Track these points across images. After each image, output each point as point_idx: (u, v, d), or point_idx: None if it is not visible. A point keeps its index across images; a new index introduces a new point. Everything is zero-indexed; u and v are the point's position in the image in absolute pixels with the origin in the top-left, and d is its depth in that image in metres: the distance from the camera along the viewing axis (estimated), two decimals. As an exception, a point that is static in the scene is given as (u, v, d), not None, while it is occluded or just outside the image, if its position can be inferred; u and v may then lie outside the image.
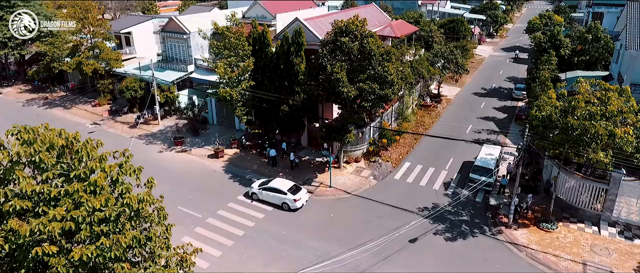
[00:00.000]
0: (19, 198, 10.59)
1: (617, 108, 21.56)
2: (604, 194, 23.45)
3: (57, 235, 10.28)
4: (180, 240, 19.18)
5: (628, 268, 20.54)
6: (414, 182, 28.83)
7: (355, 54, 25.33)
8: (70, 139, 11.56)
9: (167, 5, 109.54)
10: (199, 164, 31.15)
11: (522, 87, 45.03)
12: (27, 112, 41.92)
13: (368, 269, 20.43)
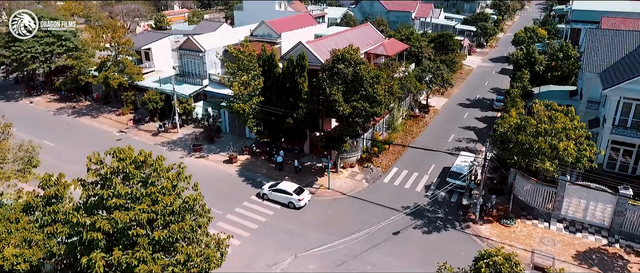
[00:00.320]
0: (116, 197, 15.65)
1: (561, 126, 26.59)
2: (554, 196, 28.50)
3: (146, 222, 15.39)
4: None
5: (567, 255, 25.59)
6: (400, 185, 33.89)
7: (350, 78, 30.37)
8: (146, 156, 16.70)
9: (176, 14, 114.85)
10: (215, 169, 36.17)
11: (502, 99, 49.99)
12: (58, 120, 46.96)
13: (359, 255, 25.47)
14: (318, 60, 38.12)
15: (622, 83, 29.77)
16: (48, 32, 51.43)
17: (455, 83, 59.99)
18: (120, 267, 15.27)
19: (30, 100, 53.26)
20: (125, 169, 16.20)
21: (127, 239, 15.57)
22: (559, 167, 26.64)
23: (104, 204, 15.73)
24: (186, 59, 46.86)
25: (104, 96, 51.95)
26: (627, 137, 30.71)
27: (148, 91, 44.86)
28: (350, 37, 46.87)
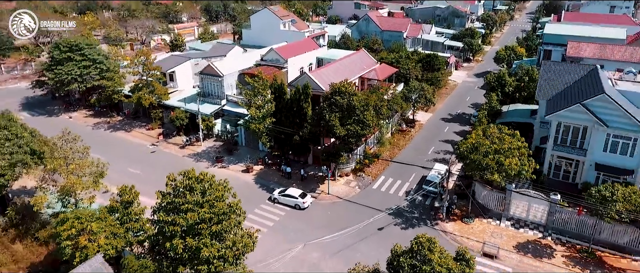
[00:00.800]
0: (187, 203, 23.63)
1: (508, 146, 34.51)
2: (503, 200, 36.47)
3: (207, 220, 23.40)
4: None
5: (510, 246, 33.54)
6: (385, 191, 41.86)
7: (345, 106, 38.33)
8: (204, 175, 24.72)
9: (186, 27, 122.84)
10: (235, 177, 44.06)
11: (477, 115, 57.90)
12: (97, 134, 54.89)
13: (351, 245, 33.39)
14: (319, 87, 46.15)
15: (560, 110, 37.77)
16: (84, 56, 59.45)
17: (440, 98, 68.18)
18: (191, 249, 23.28)
19: (69, 115, 61.28)
20: (191, 184, 24.22)
21: (195, 231, 23.59)
22: (506, 178, 34.60)
23: (178, 208, 23.73)
24: (207, 81, 54.86)
25: (134, 112, 59.91)
26: (565, 153, 38.70)
27: (175, 110, 52.83)
28: (347, 63, 54.96)
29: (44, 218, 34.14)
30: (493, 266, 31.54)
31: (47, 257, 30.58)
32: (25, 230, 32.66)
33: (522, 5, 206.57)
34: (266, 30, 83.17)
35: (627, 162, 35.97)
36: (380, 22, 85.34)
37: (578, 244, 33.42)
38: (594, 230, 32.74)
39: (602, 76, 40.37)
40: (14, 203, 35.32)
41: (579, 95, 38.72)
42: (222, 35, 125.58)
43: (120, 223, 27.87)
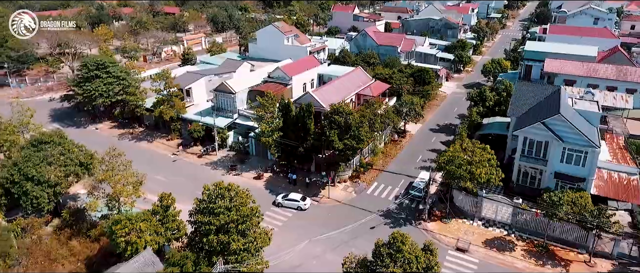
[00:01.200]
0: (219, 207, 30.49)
1: (479, 158, 41.27)
2: (476, 203, 43.27)
3: (234, 220, 30.29)
4: (254, 226, 38.83)
5: (479, 241, 40.34)
6: (378, 195, 48.69)
7: (343, 124, 45.16)
8: (230, 185, 31.63)
9: (193, 38, 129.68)
10: (248, 183, 50.77)
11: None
12: (123, 144, 61.44)
13: (348, 241, 40.16)
14: (321, 104, 53.01)
15: (525, 127, 44.58)
16: (109, 73, 66.28)
17: (430, 109, 75.03)
18: (222, 243, 30.11)
19: (96, 127, 68.13)
20: (222, 192, 31.06)
21: (225, 229, 30.44)
22: (478, 185, 41.39)
23: (212, 211, 30.55)
24: (220, 97, 61.69)
25: (154, 124, 66.70)
26: (530, 163, 45.50)
27: (193, 123, 59.67)
28: (345, 81, 61.85)
29: (92, 220, 41.00)
30: (464, 258, 38.35)
31: (100, 251, 37.37)
32: (78, 230, 39.47)
33: (516, 13, 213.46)
34: (271, 44, 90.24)
35: (580, 172, 42.75)
36: (377, 37, 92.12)
37: (535, 240, 40.24)
38: (548, 229, 39.56)
39: (563, 97, 47.10)
40: (68, 207, 42.13)
41: (542, 114, 45.51)
42: (228, 44, 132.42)
43: (160, 223, 34.74)
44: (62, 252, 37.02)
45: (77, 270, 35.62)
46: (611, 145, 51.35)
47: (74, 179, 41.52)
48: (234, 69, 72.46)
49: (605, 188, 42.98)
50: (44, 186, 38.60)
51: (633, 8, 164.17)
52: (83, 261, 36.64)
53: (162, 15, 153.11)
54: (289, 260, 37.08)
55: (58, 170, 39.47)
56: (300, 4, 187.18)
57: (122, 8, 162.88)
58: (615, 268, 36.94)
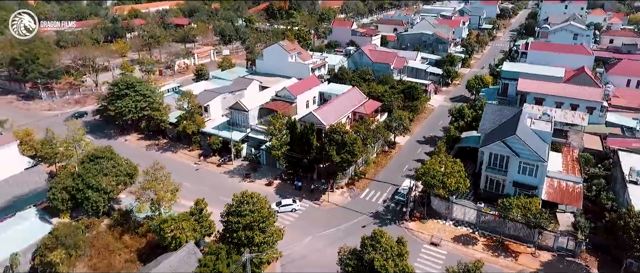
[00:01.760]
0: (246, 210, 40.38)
1: (450, 169, 51.03)
2: (448, 206, 53.05)
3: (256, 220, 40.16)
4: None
5: (449, 238, 50.14)
6: (369, 199, 58.48)
7: (340, 141, 54.94)
8: (252, 194, 41.58)
9: (203, 51, 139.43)
10: (260, 189, 60.53)
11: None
12: (150, 154, 71.22)
13: (343, 238, 49.88)
14: (321, 122, 62.82)
15: (490, 144, 54.40)
16: (137, 92, 75.99)
17: (418, 122, 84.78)
18: (248, 238, 39.92)
19: (125, 138, 77.90)
20: (247, 199, 40.88)
21: (249, 227, 40.26)
22: (449, 192, 51.16)
23: (240, 213, 40.35)
24: (235, 114, 71.52)
25: (176, 136, 76.38)
26: (494, 173, 55.27)
27: (212, 136, 69.43)
28: (343, 100, 71.67)
29: (137, 220, 50.74)
30: (435, 251, 48.13)
31: (147, 244, 47.12)
32: (128, 227, 49.23)
33: (508, 22, 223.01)
34: (277, 61, 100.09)
35: (532, 181, 52.52)
36: (372, 55, 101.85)
37: (494, 236, 50.01)
38: (503, 227, 49.38)
39: (522, 119, 56.89)
40: (119, 209, 51.91)
41: (503, 133, 55.30)
42: (234, 56, 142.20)
43: (197, 222, 44.50)
44: (118, 245, 46.82)
45: (131, 259, 45.38)
46: (566, 158, 61.23)
47: (122, 187, 51.30)
48: (245, 87, 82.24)
49: (554, 195, 52.80)
50: (100, 193, 48.45)
51: (615, 21, 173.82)
52: (134, 252, 46.41)
53: (173, 27, 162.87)
54: (297, 251, 46.90)
55: (111, 179, 49.28)
56: (301, 14, 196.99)
57: (134, 19, 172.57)
58: (554, 258, 46.72)
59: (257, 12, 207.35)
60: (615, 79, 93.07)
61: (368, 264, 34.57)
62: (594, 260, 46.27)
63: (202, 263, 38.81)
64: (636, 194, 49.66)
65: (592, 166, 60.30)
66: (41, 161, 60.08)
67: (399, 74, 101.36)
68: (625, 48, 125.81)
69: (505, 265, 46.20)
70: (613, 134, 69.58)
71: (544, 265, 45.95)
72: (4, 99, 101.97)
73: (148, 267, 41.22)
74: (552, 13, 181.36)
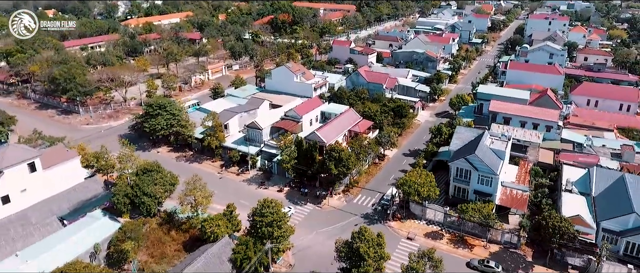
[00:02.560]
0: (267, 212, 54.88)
1: (423, 180, 65.31)
2: (423, 209, 67.40)
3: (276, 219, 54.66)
4: (282, 223, 62.95)
5: (422, 234, 64.51)
6: (361, 203, 72.83)
7: (337, 157, 69.33)
8: (272, 200, 56.20)
9: (216, 67, 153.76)
10: (273, 195, 74.76)
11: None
12: (180, 165, 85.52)
13: (339, 234, 64.18)
14: (322, 140, 77.20)
15: (456, 160, 68.75)
16: (167, 111, 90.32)
17: (406, 136, 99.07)
18: (269, 232, 54.35)
19: (157, 150, 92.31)
20: (268, 204, 55.33)
21: (270, 224, 54.69)
22: (422, 198, 65.47)
23: (263, 214, 54.79)
24: (251, 131, 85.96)
25: (201, 149, 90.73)
26: (460, 183, 69.59)
27: (232, 150, 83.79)
28: (341, 120, 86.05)
29: (179, 219, 65.06)
30: (410, 244, 62.43)
31: (189, 238, 61.45)
32: (173, 225, 63.60)
33: (498, 35, 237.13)
34: (283, 80, 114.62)
35: (488, 190, 66.83)
36: (367, 76, 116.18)
37: (456, 233, 64.32)
38: (463, 226, 63.68)
39: (482, 139, 71.16)
40: (164, 211, 66.32)
41: (467, 151, 69.58)
42: (243, 71, 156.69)
43: (228, 220, 58.84)
44: (167, 238, 61.23)
45: (178, 249, 59.81)
46: (521, 170, 75.54)
47: (167, 194, 65.70)
48: (257, 106, 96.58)
49: (506, 200, 67.13)
50: (152, 198, 62.86)
51: (594, 37, 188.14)
52: (180, 244, 60.82)
53: (186, 41, 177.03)
54: (304, 243, 61.33)
55: (159, 188, 63.70)
56: (303, 28, 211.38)
57: (149, 34, 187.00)
58: (501, 249, 61.02)
59: (262, 25, 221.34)
60: (577, 99, 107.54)
61: (355, 251, 48.84)
62: (530, 251, 60.60)
63: (236, 251, 53.21)
64: (567, 200, 64.15)
65: (541, 177, 74.60)
66: (97, 172, 74.65)
67: (391, 92, 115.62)
68: (596, 66, 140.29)
69: (463, 254, 60.58)
70: (565, 149, 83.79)
71: (492, 254, 60.27)
72: (45, 113, 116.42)
73: (193, 255, 55.54)
74: (537, 29, 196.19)
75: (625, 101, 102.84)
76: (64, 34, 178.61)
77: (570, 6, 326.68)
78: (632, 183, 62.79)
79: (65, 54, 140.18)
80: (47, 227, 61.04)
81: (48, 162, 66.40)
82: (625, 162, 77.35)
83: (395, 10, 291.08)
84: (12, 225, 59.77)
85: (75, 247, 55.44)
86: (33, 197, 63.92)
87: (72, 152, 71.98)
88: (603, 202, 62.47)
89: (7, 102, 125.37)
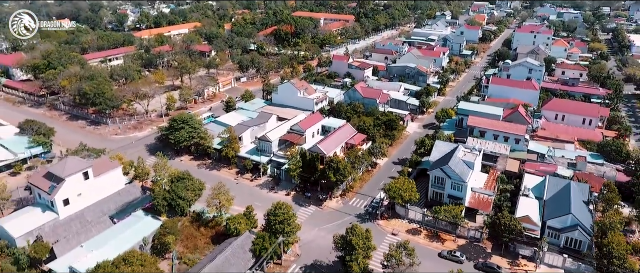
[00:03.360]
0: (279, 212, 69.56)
1: (405, 186, 79.82)
2: (406, 210, 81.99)
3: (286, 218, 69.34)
4: (290, 222, 77.47)
5: (403, 230, 79.14)
6: (355, 205, 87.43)
7: (335, 167, 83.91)
8: (283, 203, 71.00)
9: (226, 80, 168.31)
10: (282, 198, 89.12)
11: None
12: (201, 171, 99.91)
13: (337, 230, 78.74)
14: (323, 152, 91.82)
15: (434, 170, 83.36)
16: (189, 125, 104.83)
17: (396, 146, 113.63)
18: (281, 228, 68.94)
19: (180, 159, 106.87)
20: (280, 206, 69.95)
21: (282, 222, 69.30)
22: (404, 201, 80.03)
23: (276, 214, 69.39)
24: (262, 143, 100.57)
25: (218, 158, 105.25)
26: (437, 189, 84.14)
27: (246, 159, 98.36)
28: (339, 134, 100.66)
29: (206, 217, 79.60)
30: (394, 238, 76.93)
31: (216, 233, 76.01)
32: (201, 222, 78.18)
33: (488, 46, 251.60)
34: (289, 95, 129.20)
35: (459, 194, 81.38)
36: (362, 92, 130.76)
37: (432, 229, 78.91)
38: (437, 224, 78.26)
39: (456, 152, 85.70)
40: (194, 211, 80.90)
41: (442, 162, 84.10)
42: (251, 83, 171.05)
43: (247, 219, 73.42)
44: (198, 233, 75.82)
45: (207, 242, 74.37)
46: (490, 177, 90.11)
47: (196, 197, 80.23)
48: (266, 120, 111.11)
49: (474, 203, 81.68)
50: (185, 201, 77.45)
51: (575, 51, 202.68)
52: (209, 238, 75.39)
53: (197, 54, 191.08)
54: (308, 238, 75.96)
55: (190, 192, 78.29)
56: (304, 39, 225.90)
57: (162, 46, 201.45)
58: (467, 243, 75.57)
59: (265, 36, 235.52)
60: (547, 113, 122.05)
61: (349, 243, 63.33)
62: (490, 244, 75.17)
63: (255, 243, 67.78)
64: (522, 203, 78.79)
65: (505, 183, 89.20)
66: (134, 178, 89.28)
67: (384, 105, 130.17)
68: (570, 81, 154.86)
69: (436, 246, 75.18)
70: (530, 159, 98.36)
71: (460, 247, 74.86)
72: (76, 124, 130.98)
73: (221, 247, 70.07)
74: (522, 42, 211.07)
75: (587, 116, 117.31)
76: (84, 47, 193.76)
77: (560, 15, 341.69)
78: (575, 190, 77.52)
79: (90, 68, 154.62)
80: (101, 224, 75.73)
81: (97, 171, 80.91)
82: (578, 170, 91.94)
83: (392, 20, 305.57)
84: (72, 222, 74.45)
85: (127, 240, 70.01)
86: (87, 200, 78.50)
87: (115, 162, 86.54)
88: (550, 205, 77.10)
89: (40, 113, 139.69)
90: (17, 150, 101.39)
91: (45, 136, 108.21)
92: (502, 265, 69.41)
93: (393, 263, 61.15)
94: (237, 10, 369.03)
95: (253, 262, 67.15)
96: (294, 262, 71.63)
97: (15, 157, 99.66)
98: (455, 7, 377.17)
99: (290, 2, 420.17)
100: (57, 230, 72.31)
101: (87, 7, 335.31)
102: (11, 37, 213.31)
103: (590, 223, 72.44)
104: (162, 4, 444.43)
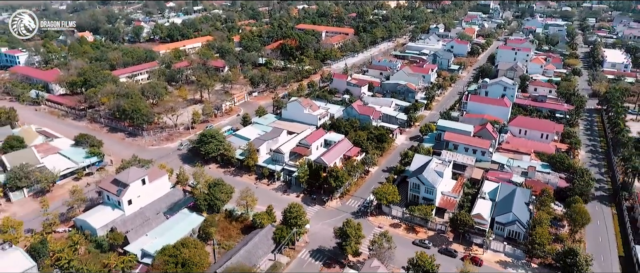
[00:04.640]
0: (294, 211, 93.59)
1: (392, 192, 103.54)
2: (389, 209, 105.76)
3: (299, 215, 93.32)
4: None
5: (387, 224, 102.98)
6: (351, 205, 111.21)
7: (335, 175, 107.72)
8: (296, 204, 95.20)
9: (240, 94, 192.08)
10: (293, 199, 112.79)
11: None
12: (226, 178, 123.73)
13: (336, 223, 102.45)
14: (326, 163, 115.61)
15: (412, 178, 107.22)
16: (216, 139, 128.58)
17: (385, 156, 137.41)
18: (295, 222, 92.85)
19: (209, 167, 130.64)
20: (294, 206, 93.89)
21: (296, 217, 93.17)
22: (388, 202, 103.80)
23: (291, 212, 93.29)
24: (276, 155, 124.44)
25: (239, 166, 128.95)
26: (415, 192, 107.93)
27: (263, 168, 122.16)
28: (338, 147, 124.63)
29: (236, 214, 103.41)
30: (379, 229, 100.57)
31: (245, 226, 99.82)
32: (233, 218, 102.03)
33: (475, 59, 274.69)
34: (296, 111, 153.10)
35: (432, 197, 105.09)
36: (359, 109, 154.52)
37: (409, 224, 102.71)
38: (413, 220, 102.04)
39: (430, 163, 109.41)
40: (226, 209, 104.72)
41: (419, 171, 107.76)
42: (261, 98, 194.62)
43: (268, 215, 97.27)
44: (230, 226, 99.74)
45: (238, 233, 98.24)
46: (458, 183, 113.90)
47: (228, 198, 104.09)
48: (278, 135, 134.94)
49: (443, 204, 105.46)
50: (220, 201, 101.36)
51: (550, 67, 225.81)
52: (239, 229, 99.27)
53: (212, 69, 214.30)
54: (314, 229, 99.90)
55: (224, 194, 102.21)
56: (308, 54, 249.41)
57: (180, 62, 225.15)
58: (435, 233, 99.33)
59: (272, 49, 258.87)
60: (513, 129, 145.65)
61: (344, 232, 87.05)
62: (451, 234, 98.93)
63: (275, 233, 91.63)
64: (479, 204, 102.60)
65: (469, 188, 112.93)
66: (177, 183, 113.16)
67: (376, 121, 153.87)
68: (540, 97, 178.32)
69: (411, 236, 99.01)
70: (492, 169, 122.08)
71: (429, 237, 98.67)
72: (116, 136, 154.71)
73: (249, 236, 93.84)
74: (504, 59, 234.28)
75: (545, 131, 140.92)
76: (112, 64, 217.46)
77: (546, 27, 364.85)
78: (518, 194, 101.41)
79: (123, 85, 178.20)
80: (157, 219, 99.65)
81: (151, 178, 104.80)
82: (529, 178, 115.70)
83: (389, 33, 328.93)
84: (136, 218, 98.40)
85: (180, 231, 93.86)
86: (144, 201, 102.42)
87: (163, 170, 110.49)
88: (499, 205, 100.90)
89: (82, 125, 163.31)
90: (77, 159, 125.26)
91: (97, 147, 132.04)
92: (459, 250, 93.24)
93: (376, 247, 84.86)
94: (244, 20, 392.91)
95: (274, 247, 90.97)
96: (304, 247, 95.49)
97: (77, 165, 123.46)
98: (448, 18, 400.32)
99: (293, 12, 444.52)
100: (126, 224, 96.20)
101: (105, 19, 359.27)
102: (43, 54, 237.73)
103: (527, 219, 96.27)
104: (171, 12, 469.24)
